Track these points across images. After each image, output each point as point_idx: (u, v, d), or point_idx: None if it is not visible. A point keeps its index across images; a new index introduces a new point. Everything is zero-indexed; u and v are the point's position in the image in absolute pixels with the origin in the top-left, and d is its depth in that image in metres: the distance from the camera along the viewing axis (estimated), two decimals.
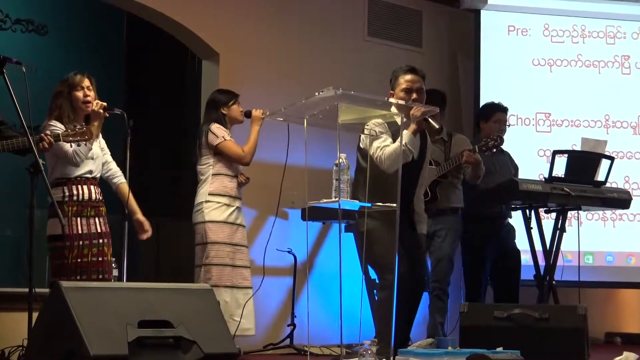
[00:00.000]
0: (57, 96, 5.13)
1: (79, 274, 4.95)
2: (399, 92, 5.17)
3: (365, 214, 4.87)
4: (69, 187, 5.02)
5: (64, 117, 5.05)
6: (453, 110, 8.12)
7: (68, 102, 5.09)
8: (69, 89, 5.11)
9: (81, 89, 5.11)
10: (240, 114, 5.94)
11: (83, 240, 4.99)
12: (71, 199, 5.00)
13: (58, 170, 5.04)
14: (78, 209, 5.02)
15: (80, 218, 5.02)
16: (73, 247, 4.95)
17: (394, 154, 4.88)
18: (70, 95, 5.10)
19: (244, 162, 5.84)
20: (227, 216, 5.74)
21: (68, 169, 5.03)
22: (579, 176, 6.16)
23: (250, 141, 5.84)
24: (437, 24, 8.34)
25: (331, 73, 7.34)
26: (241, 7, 7.17)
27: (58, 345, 3.61)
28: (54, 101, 5.12)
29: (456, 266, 6.61)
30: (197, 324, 3.81)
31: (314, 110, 4.65)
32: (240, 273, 5.74)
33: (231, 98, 5.95)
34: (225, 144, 5.76)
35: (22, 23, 8.24)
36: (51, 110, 5.11)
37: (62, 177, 5.03)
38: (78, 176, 5.05)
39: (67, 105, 5.09)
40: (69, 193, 5.00)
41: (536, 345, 4.90)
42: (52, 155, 5.00)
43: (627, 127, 8.09)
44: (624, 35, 8.19)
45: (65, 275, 4.88)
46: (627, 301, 8.71)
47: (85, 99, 5.10)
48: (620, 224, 7.95)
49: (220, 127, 5.81)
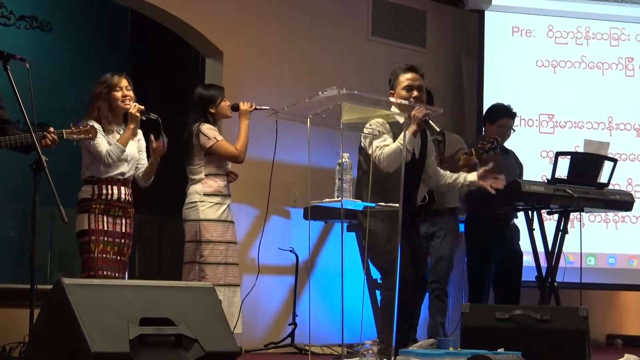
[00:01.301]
0: (96, 98, 5.20)
1: (104, 270, 5.07)
2: (400, 91, 5.17)
3: (368, 214, 4.86)
4: (99, 186, 5.13)
5: (102, 119, 5.14)
6: (456, 111, 8.13)
7: (106, 103, 5.18)
8: (108, 90, 5.18)
9: (120, 89, 5.19)
10: (228, 109, 5.83)
11: (107, 237, 5.11)
12: (99, 197, 5.12)
13: (91, 168, 5.15)
14: (105, 207, 5.14)
15: (106, 216, 5.13)
16: (99, 241, 5.07)
17: (393, 154, 4.87)
18: (109, 96, 5.17)
19: (238, 160, 5.75)
20: (220, 214, 5.70)
21: (100, 168, 5.14)
22: (582, 178, 6.15)
23: (241, 138, 5.74)
24: (441, 24, 8.34)
25: (334, 72, 7.35)
26: (245, 5, 7.17)
27: (59, 342, 3.61)
28: (93, 103, 5.19)
29: (459, 267, 6.61)
30: (199, 322, 3.81)
31: (317, 109, 4.65)
32: (231, 271, 5.72)
33: (218, 95, 5.82)
34: (218, 145, 5.68)
35: (26, 20, 8.25)
36: (90, 111, 5.17)
37: (93, 176, 5.14)
38: (109, 177, 5.16)
39: (105, 106, 5.18)
40: (98, 192, 5.12)
41: (537, 346, 4.90)
42: (87, 154, 5.12)
43: (630, 129, 8.09)
44: (628, 37, 8.19)
45: (93, 270, 5.02)
46: (629, 303, 8.71)
47: (124, 98, 5.16)
48: (623, 226, 7.94)
49: (210, 127, 5.71)
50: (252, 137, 5.87)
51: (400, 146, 4.85)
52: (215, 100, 5.81)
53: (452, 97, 8.21)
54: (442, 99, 7.26)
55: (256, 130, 5.91)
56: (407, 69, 5.23)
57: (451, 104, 7.99)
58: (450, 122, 7.57)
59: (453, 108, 8.03)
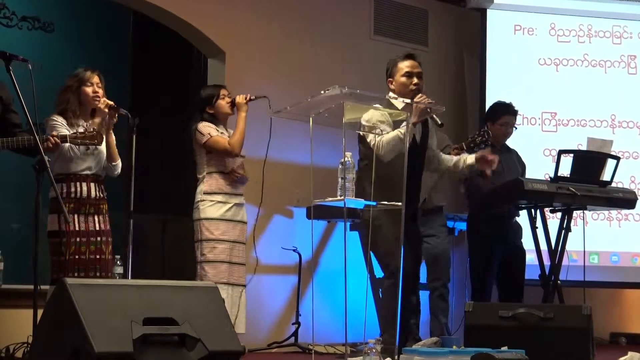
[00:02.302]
0: (65, 90, 5.12)
1: (77, 271, 4.96)
2: (400, 78, 5.18)
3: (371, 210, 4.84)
4: (67, 183, 5.01)
5: (68, 112, 5.05)
6: (458, 109, 8.13)
7: (76, 96, 5.10)
8: (79, 84, 5.11)
9: (91, 84, 5.12)
10: (226, 106, 5.83)
11: (80, 237, 4.99)
12: (69, 195, 5.00)
13: (57, 165, 5.03)
14: (76, 206, 5.01)
15: (78, 215, 5.01)
16: (70, 243, 4.95)
17: (393, 141, 4.90)
18: (79, 90, 5.11)
19: (232, 154, 5.72)
20: (223, 212, 5.70)
21: (66, 164, 5.03)
22: (585, 176, 6.15)
23: (236, 131, 5.73)
24: (443, 23, 8.34)
25: (337, 72, 7.35)
26: (247, 5, 7.17)
27: (63, 342, 3.61)
28: (62, 95, 5.12)
29: (462, 265, 6.62)
30: (202, 322, 3.81)
31: (320, 108, 4.65)
32: (236, 270, 5.72)
33: (213, 94, 5.84)
34: (211, 140, 5.69)
35: (28, 20, 8.25)
36: (58, 103, 5.11)
37: (61, 173, 5.03)
38: (76, 172, 5.05)
39: (74, 99, 5.09)
40: (67, 190, 5.00)
41: (541, 344, 4.89)
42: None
43: (633, 127, 8.08)
44: (630, 35, 8.18)
45: (64, 272, 4.88)
46: (632, 301, 8.71)
47: (94, 94, 5.11)
48: (626, 224, 7.94)
49: (206, 124, 5.74)
50: (253, 136, 5.87)
51: (400, 135, 4.86)
52: (211, 99, 5.83)
53: (454, 96, 8.20)
54: (444, 97, 7.27)
55: (258, 129, 5.91)
56: (406, 56, 5.24)
57: (454, 103, 7.99)
58: (452, 120, 7.57)
59: (455, 106, 8.03)
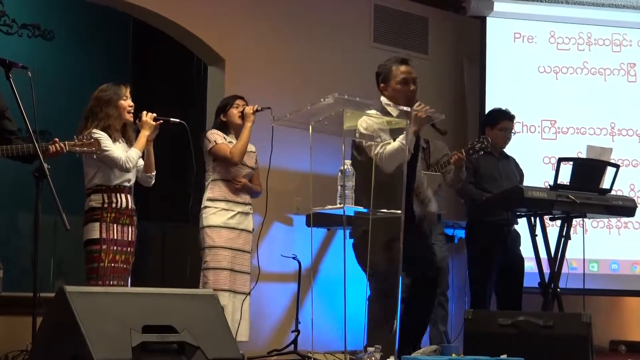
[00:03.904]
0: (105, 104, 5.11)
1: (112, 279, 5.05)
2: (395, 85, 5.04)
3: (371, 219, 4.76)
4: (109, 194, 5.09)
5: (111, 127, 5.09)
6: (458, 117, 8.13)
7: (116, 111, 5.12)
8: (118, 98, 5.13)
9: (126, 98, 5.16)
10: (237, 116, 5.85)
11: (117, 246, 5.09)
12: (110, 205, 5.09)
13: (100, 176, 5.10)
14: (116, 216, 5.11)
15: (117, 225, 5.10)
16: (109, 251, 5.05)
17: (395, 152, 4.78)
18: (117, 103, 5.13)
19: (233, 162, 5.74)
20: (226, 220, 5.71)
21: (110, 176, 5.11)
22: (584, 184, 6.15)
23: (239, 140, 5.76)
24: (443, 30, 8.35)
25: (336, 79, 7.35)
26: (247, 13, 7.18)
27: (62, 350, 3.61)
28: (101, 109, 5.11)
29: (461, 273, 6.62)
30: (201, 330, 3.81)
31: (319, 116, 4.65)
32: (239, 278, 5.72)
33: (228, 103, 5.91)
34: (215, 147, 5.74)
35: (28, 28, 8.26)
36: (95, 118, 5.09)
37: (103, 185, 5.11)
38: (118, 184, 5.13)
39: (115, 114, 5.11)
40: (109, 200, 5.09)
41: (540, 352, 4.89)
42: (94, 162, 5.02)
43: (632, 135, 8.08)
44: (630, 43, 8.19)
45: (101, 279, 4.99)
46: (632, 309, 8.70)
47: (129, 108, 5.15)
48: (626, 231, 7.94)
49: (215, 131, 5.79)
50: (256, 144, 5.88)
51: (402, 145, 4.75)
52: (225, 108, 5.89)
53: (454, 103, 8.21)
54: (444, 105, 7.27)
55: (259, 137, 5.92)
56: (401, 61, 5.09)
57: (453, 110, 8.00)
58: (452, 128, 7.57)
59: (455, 114, 8.04)
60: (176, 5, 6.83)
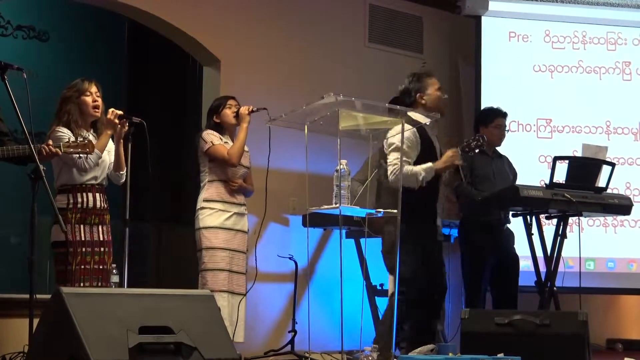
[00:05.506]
0: (65, 101, 5.10)
1: (82, 281, 4.97)
2: (435, 92, 5.60)
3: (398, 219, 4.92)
4: (74, 194, 5.02)
5: (72, 123, 5.05)
6: (454, 116, 8.13)
7: (77, 107, 5.09)
8: (78, 94, 5.10)
9: (90, 94, 5.11)
10: (231, 116, 5.83)
11: (86, 247, 5.01)
12: (75, 206, 5.01)
13: (63, 176, 5.04)
14: (82, 216, 5.03)
15: (83, 225, 5.02)
16: (76, 253, 4.96)
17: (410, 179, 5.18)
18: (79, 100, 5.10)
19: (230, 163, 5.72)
20: (222, 221, 5.70)
21: (73, 175, 5.03)
22: (580, 182, 6.15)
23: (236, 141, 5.75)
24: (437, 30, 8.35)
25: (332, 79, 7.36)
26: (242, 13, 7.18)
27: (59, 351, 3.61)
28: (62, 107, 5.10)
29: (458, 272, 6.61)
30: (198, 330, 3.81)
31: (315, 116, 4.67)
32: (236, 279, 5.71)
33: (221, 103, 5.88)
34: (212, 148, 5.72)
35: (23, 29, 8.25)
36: (59, 116, 5.08)
37: (67, 184, 5.04)
38: (83, 183, 5.05)
39: (75, 110, 5.07)
40: (74, 200, 5.01)
41: (537, 351, 4.89)
42: (57, 161, 4.99)
43: (628, 133, 8.09)
44: (625, 41, 8.19)
45: (69, 282, 4.90)
46: (629, 307, 8.71)
47: (94, 104, 5.11)
48: (622, 230, 7.94)
49: (210, 132, 5.77)
50: (251, 144, 5.88)
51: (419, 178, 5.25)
52: (218, 108, 5.86)
53: (449, 102, 8.19)
54: None
55: (254, 137, 5.92)
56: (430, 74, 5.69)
57: (449, 110, 7.95)
58: (448, 127, 7.58)
59: (451, 113, 8.00)
60: (171, 6, 6.83)
